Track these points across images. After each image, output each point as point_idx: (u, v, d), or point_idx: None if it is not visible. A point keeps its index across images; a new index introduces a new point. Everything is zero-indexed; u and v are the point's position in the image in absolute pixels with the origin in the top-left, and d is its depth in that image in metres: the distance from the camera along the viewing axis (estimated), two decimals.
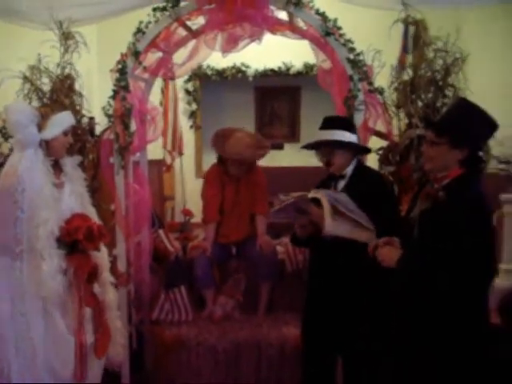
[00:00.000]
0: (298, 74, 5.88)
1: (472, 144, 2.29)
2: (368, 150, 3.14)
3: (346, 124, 2.96)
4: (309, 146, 3.06)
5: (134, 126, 3.59)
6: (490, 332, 2.34)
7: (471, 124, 2.26)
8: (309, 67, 5.77)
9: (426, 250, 2.24)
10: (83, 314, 2.93)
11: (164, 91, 5.41)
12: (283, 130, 6.52)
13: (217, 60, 4.98)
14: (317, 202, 2.70)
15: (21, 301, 2.87)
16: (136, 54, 3.57)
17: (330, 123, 2.94)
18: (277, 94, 6.46)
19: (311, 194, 2.72)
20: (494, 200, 4.21)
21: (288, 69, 5.92)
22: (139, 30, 3.59)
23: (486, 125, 2.30)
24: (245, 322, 3.96)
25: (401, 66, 3.63)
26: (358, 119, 3.20)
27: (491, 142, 4.08)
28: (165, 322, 3.95)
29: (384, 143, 3.59)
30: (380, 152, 3.56)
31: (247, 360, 3.74)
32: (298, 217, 2.88)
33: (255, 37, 3.53)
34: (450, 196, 2.24)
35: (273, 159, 5.98)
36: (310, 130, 3.12)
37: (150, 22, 3.60)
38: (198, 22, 3.72)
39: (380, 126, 3.37)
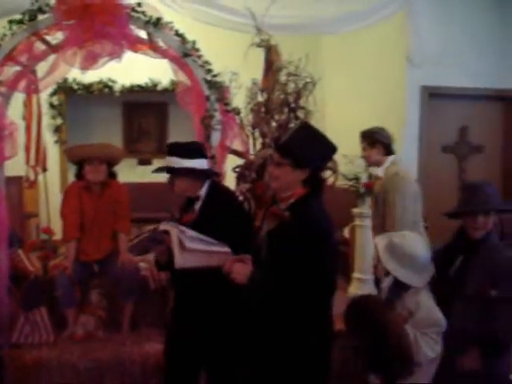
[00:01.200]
0: (165, 90, 5.91)
1: (313, 165, 2.41)
2: (208, 174, 3.11)
3: (184, 150, 2.97)
4: (154, 171, 3.14)
5: None
6: (331, 339, 2.50)
7: (312, 147, 2.39)
8: (175, 84, 5.83)
9: (271, 268, 2.34)
10: None
11: (27, 105, 5.23)
12: (151, 146, 6.52)
13: (83, 74, 4.90)
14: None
15: None
16: None
17: (171, 150, 3.00)
18: (144, 110, 6.45)
19: (162, 227, 2.77)
20: (346, 214, 4.53)
21: (155, 85, 5.94)
22: None
23: (326, 148, 2.45)
24: (108, 340, 3.91)
25: (263, 88, 3.78)
26: (215, 138, 3.30)
27: (341, 161, 4.40)
28: (25, 345, 3.81)
29: (241, 161, 3.72)
30: (237, 170, 3.68)
31: (110, 379, 3.69)
32: (155, 247, 2.93)
33: (115, 55, 3.54)
34: (294, 215, 2.36)
35: (141, 175, 6.01)
36: None
37: (5, 35, 3.51)
38: (58, 36, 3.67)
39: (237, 145, 3.49)
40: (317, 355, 2.41)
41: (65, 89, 5.91)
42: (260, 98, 3.59)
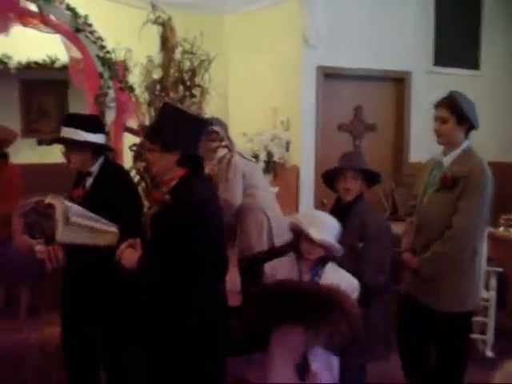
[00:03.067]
0: (64, 67, 5.70)
1: (181, 147, 2.36)
2: (105, 149, 3.08)
3: (85, 123, 2.90)
4: (45, 142, 3.03)
5: None
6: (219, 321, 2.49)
7: (176, 128, 2.35)
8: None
9: (155, 252, 2.33)
10: None
11: None
12: (50, 125, 6.25)
13: None
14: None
15: None
16: None
17: (67, 121, 2.93)
18: (43, 88, 6.19)
19: (48, 200, 2.70)
20: None
21: (53, 62, 5.72)
22: None
23: (192, 127, 2.40)
24: (3, 327, 3.78)
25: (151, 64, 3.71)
26: (110, 116, 3.25)
27: (241, 139, 4.45)
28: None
29: (137, 140, 3.68)
30: (134, 148, 3.64)
31: (7, 365, 3.56)
32: (42, 221, 2.85)
33: (2, 28, 3.39)
34: (174, 198, 2.35)
35: (40, 155, 5.79)
36: None
37: None
38: None
39: (133, 123, 3.45)
40: (203, 337, 2.39)
41: None
42: (155, 76, 3.57)
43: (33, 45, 5.33)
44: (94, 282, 2.86)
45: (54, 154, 6.04)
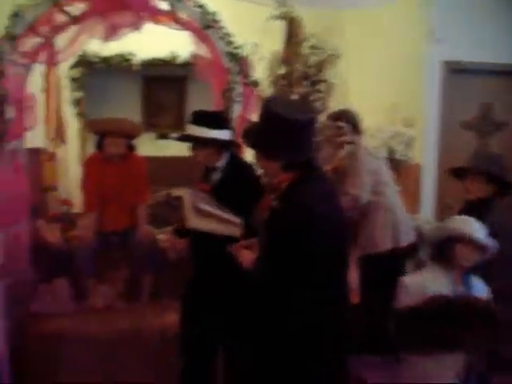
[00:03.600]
0: (185, 63, 5.87)
1: (283, 155, 2.22)
2: (231, 145, 3.09)
3: (210, 120, 2.97)
4: (177, 139, 3.13)
5: (10, 113, 3.48)
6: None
7: (275, 136, 2.19)
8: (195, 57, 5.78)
9: (266, 258, 2.31)
10: None
11: (47, 78, 5.22)
12: (169, 120, 6.48)
13: (102, 47, 4.89)
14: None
15: None
16: (12, 39, 3.46)
17: (193, 118, 3.00)
18: (163, 84, 6.40)
19: (175, 192, 2.80)
20: None
21: (174, 58, 5.91)
22: (16, 14, 3.48)
23: (292, 133, 2.18)
24: (127, 311, 3.97)
25: (284, 60, 3.75)
26: (236, 111, 3.29)
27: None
28: (45, 315, 3.87)
29: None
30: None
31: (129, 348, 3.74)
32: (170, 212, 2.96)
33: (135, 26, 3.53)
34: (281, 203, 2.28)
35: (159, 149, 6.01)
36: None
37: (27, 6, 3.51)
38: (78, 7, 3.66)
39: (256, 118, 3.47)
40: (305, 340, 2.31)
41: (84, 62, 5.89)
42: (281, 71, 3.58)
43: (155, 42, 5.52)
44: (218, 272, 2.92)
45: (172, 148, 6.32)
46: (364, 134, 4.26)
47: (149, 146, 5.55)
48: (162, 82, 6.40)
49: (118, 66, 5.98)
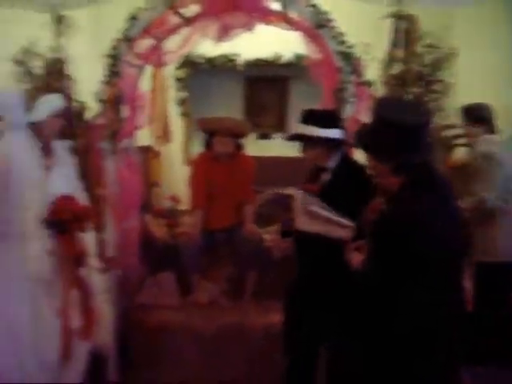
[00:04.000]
0: (288, 64, 5.89)
1: (393, 158, 2.14)
2: (342, 144, 3.03)
3: (320, 118, 2.94)
4: (287, 138, 3.13)
5: (124, 112, 3.61)
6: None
7: (385, 138, 2.12)
8: (299, 57, 5.76)
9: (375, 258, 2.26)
10: (69, 297, 2.96)
11: (154, 78, 5.39)
12: (270, 120, 6.51)
13: (207, 48, 4.99)
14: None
15: (8, 282, 2.91)
16: (129, 40, 3.59)
17: (305, 117, 2.97)
18: (266, 84, 6.44)
19: (287, 191, 2.78)
20: None
21: (278, 58, 5.93)
22: (133, 17, 3.61)
23: (403, 135, 2.09)
24: (230, 308, 4.02)
25: (390, 59, 3.67)
26: (348, 112, 3.24)
27: None
28: (151, 307, 3.99)
29: None
30: None
31: (232, 346, 3.79)
32: (278, 212, 2.95)
33: (247, 26, 3.57)
34: (392, 206, 2.23)
35: (260, 149, 6.04)
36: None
37: (143, 9, 3.63)
38: (191, 9, 3.74)
39: (369, 119, 3.40)
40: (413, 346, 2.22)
41: (189, 62, 6.04)
42: (393, 71, 3.49)
43: (259, 42, 5.56)
44: (323, 273, 2.89)
45: (273, 148, 6.36)
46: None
47: (250, 146, 5.58)
48: (265, 82, 6.44)
49: (221, 67, 6.08)
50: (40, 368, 2.96)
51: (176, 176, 5.84)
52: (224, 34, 3.59)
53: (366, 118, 3.31)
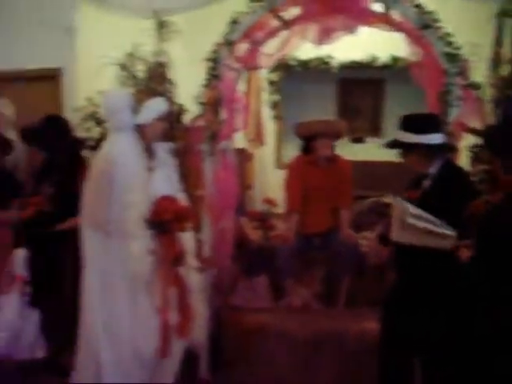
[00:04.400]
0: (384, 66, 5.77)
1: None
2: (442, 150, 2.94)
3: (416, 124, 2.87)
4: (384, 146, 3.05)
5: (223, 115, 3.66)
6: None
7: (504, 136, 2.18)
8: (396, 60, 5.63)
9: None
10: (168, 295, 3.01)
11: (249, 81, 5.44)
12: (364, 124, 6.39)
13: (301, 51, 4.96)
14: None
15: (109, 278, 3.00)
16: (229, 44, 3.63)
17: (403, 123, 2.91)
18: (360, 87, 6.33)
19: (386, 199, 2.73)
20: None
21: (373, 61, 5.82)
22: (234, 21, 3.65)
23: None
24: (323, 313, 3.97)
25: (496, 60, 3.51)
26: (453, 115, 3.13)
27: None
28: (243, 309, 4.01)
29: (478, 140, 3.48)
30: (473, 149, 3.46)
31: (326, 351, 3.74)
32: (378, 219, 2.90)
33: (349, 29, 3.51)
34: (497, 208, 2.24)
35: (353, 153, 5.95)
36: (395, 125, 3.07)
37: (244, 13, 3.65)
38: (289, 12, 3.73)
39: (475, 123, 3.27)
40: None
41: (283, 65, 6.04)
42: (502, 72, 3.34)
43: (354, 45, 5.48)
44: (423, 282, 2.80)
45: (367, 152, 6.25)
46: None
47: (343, 150, 5.52)
48: (359, 85, 6.33)
49: (315, 69, 6.05)
50: (137, 365, 3.03)
51: (268, 179, 5.87)
52: (325, 37, 3.56)
53: (472, 121, 3.19)
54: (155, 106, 3.10)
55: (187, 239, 3.19)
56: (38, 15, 5.80)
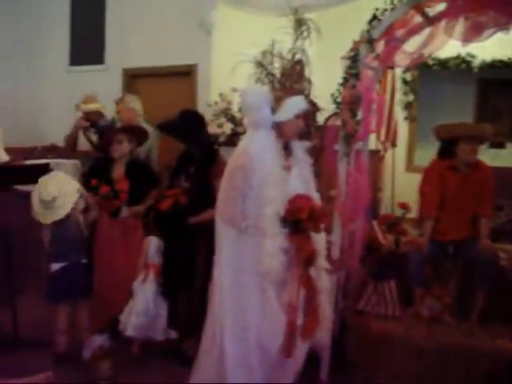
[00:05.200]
0: None
1: None
2: None
3: None
4: None
5: (360, 115, 3.56)
6: None
7: None
8: None
9: None
10: (297, 295, 2.98)
11: (383, 80, 5.29)
12: (504, 128, 6.01)
13: (463, 47, 4.72)
14: None
15: (241, 273, 3.02)
16: (370, 42, 3.53)
17: None
18: (502, 88, 5.95)
19: None
20: None
21: None
22: (374, 17, 3.54)
23: None
24: (455, 326, 3.75)
25: None
26: None
27: None
28: (370, 314, 3.90)
29: None
30: None
31: (455, 365, 3.54)
32: None
33: (503, 26, 3.28)
34: None
35: (491, 158, 5.61)
36: None
37: (385, 10, 3.54)
38: (433, 8, 3.57)
39: None
40: None
41: (419, 64, 5.81)
42: None
43: (498, 43, 5.15)
44: None
45: (506, 158, 5.86)
46: None
47: (481, 155, 5.24)
48: (501, 86, 5.96)
49: (454, 69, 5.77)
50: (260, 362, 3.04)
51: (398, 182, 5.68)
52: (474, 34, 3.34)
53: None
54: (295, 104, 3.09)
55: (319, 239, 3.16)
56: (179, 14, 6.06)
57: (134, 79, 6.72)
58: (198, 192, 3.86)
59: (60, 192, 3.75)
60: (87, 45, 7.05)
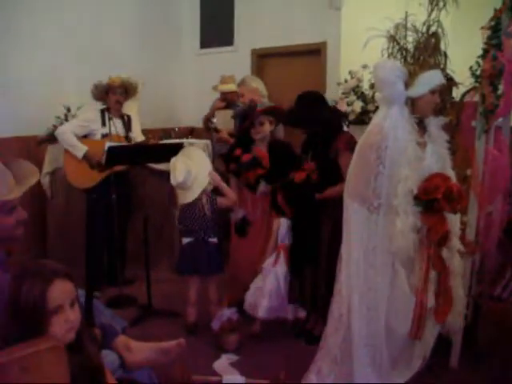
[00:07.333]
0: None
1: None
2: None
3: None
4: None
5: (501, 89, 3.34)
6: None
7: None
8: None
9: None
10: (428, 276, 2.89)
11: None
12: None
13: None
14: None
15: (372, 253, 2.97)
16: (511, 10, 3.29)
17: None
18: None
19: None
20: None
21: None
22: None
23: None
24: None
25: None
26: None
27: None
28: (507, 301, 3.69)
29: None
30: None
31: None
32: None
33: None
34: None
35: None
36: None
37: None
38: None
39: None
40: None
41: None
42: None
43: None
44: None
45: None
46: None
47: None
48: None
49: None
50: (387, 342, 2.98)
51: None
52: None
53: None
54: (430, 79, 2.98)
55: (453, 220, 3.03)
56: None
57: (263, 60, 6.78)
58: (323, 169, 3.84)
59: (191, 174, 3.89)
60: (217, 27, 7.19)
